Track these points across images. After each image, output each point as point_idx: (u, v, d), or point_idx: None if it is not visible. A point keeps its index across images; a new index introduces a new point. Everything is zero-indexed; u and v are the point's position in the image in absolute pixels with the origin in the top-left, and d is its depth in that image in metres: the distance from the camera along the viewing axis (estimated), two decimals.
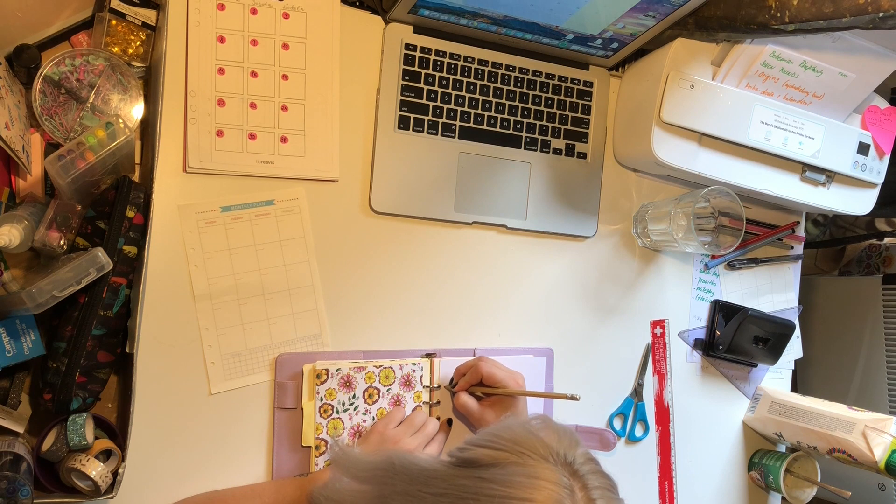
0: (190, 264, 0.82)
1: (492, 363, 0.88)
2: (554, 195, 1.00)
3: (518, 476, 0.54)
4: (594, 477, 0.56)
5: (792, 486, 1.10)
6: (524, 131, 0.99)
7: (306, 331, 0.87)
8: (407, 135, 0.92)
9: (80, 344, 0.71)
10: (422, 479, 0.57)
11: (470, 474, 0.55)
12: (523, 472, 0.54)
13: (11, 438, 0.72)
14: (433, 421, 0.88)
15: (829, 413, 1.01)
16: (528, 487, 0.53)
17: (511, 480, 0.53)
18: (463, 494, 0.54)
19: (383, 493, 0.58)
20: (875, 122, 1.06)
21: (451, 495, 0.54)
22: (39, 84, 0.74)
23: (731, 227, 1.00)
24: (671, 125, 0.95)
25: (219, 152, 0.83)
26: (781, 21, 0.87)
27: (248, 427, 0.84)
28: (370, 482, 0.61)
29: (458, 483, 0.55)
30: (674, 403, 1.08)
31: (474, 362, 0.89)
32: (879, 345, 1.33)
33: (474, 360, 0.89)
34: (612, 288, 1.05)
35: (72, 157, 0.70)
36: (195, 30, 0.82)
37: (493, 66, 0.97)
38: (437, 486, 0.55)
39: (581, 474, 0.55)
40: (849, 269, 1.53)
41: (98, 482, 0.71)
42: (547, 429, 0.59)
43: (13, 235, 0.68)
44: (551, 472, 0.54)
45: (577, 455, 0.57)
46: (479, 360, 0.89)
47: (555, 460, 0.55)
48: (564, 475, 0.54)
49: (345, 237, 0.90)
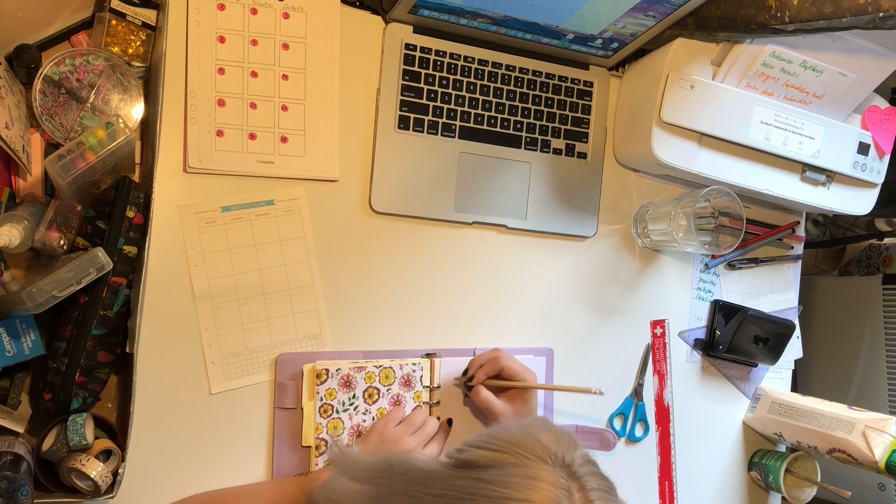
0: (190, 264, 0.82)
1: (509, 357, 0.88)
2: (554, 195, 1.00)
3: (516, 477, 0.54)
4: (592, 478, 0.56)
5: (792, 486, 1.10)
6: (524, 131, 0.99)
7: (306, 331, 0.87)
8: (407, 135, 0.92)
9: (80, 344, 0.71)
10: (420, 479, 0.57)
11: (468, 475, 0.56)
12: (521, 472, 0.54)
13: (11, 438, 0.72)
14: (433, 420, 0.88)
15: (829, 413, 1.01)
16: (526, 488, 0.53)
17: (509, 481, 0.54)
18: (460, 495, 0.54)
19: (381, 493, 0.58)
20: (875, 122, 1.06)
21: (448, 496, 0.54)
22: (39, 84, 0.74)
23: (731, 227, 1.00)
24: (671, 125, 0.95)
25: (219, 152, 0.83)
26: (781, 21, 0.87)
27: (248, 427, 0.84)
28: (368, 482, 0.61)
29: (455, 484, 0.55)
30: (674, 403, 1.08)
31: (492, 354, 0.89)
32: (879, 345, 1.33)
33: (492, 353, 0.89)
34: (612, 288, 1.05)
35: (72, 157, 0.70)
36: (195, 30, 0.82)
37: (493, 66, 0.97)
38: (435, 487, 0.55)
39: (579, 476, 0.55)
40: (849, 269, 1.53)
41: (98, 482, 0.71)
42: (545, 430, 0.59)
43: (13, 235, 0.68)
44: (549, 474, 0.54)
45: (576, 457, 0.57)
46: (497, 352, 0.89)
47: (553, 462, 0.55)
48: (562, 476, 0.54)
49: (345, 237, 0.90)
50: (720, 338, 1.09)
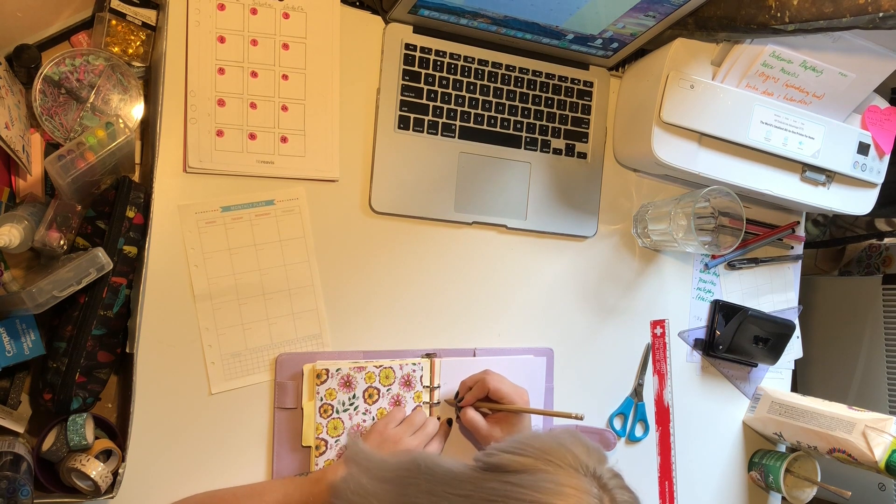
0: (190, 264, 0.82)
1: (498, 378, 0.88)
2: (554, 195, 1.00)
3: (548, 483, 0.54)
4: (621, 492, 0.57)
5: (792, 486, 1.10)
6: (524, 131, 0.99)
7: (306, 331, 0.87)
8: (407, 135, 0.92)
9: (80, 344, 0.71)
10: (447, 480, 0.57)
11: (498, 478, 0.56)
12: (553, 479, 0.55)
13: (11, 438, 0.72)
14: (433, 420, 0.88)
15: (829, 413, 1.01)
16: (558, 494, 0.53)
17: (541, 486, 0.54)
18: (491, 497, 0.54)
19: (408, 492, 0.59)
20: (875, 122, 1.06)
21: (477, 497, 0.54)
22: (39, 84, 0.74)
23: (731, 227, 1.00)
24: (671, 125, 0.95)
25: (219, 152, 0.83)
26: (781, 21, 0.87)
27: (248, 427, 0.84)
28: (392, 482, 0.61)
29: (485, 486, 0.55)
30: (674, 403, 1.08)
31: (480, 376, 0.88)
32: (879, 345, 1.33)
33: (480, 374, 0.89)
34: (612, 288, 1.05)
35: (72, 157, 0.70)
36: (195, 30, 0.82)
37: (493, 66, 0.97)
38: (464, 488, 0.56)
39: (609, 488, 0.56)
40: (849, 269, 1.53)
41: (98, 482, 0.71)
42: (576, 442, 0.59)
43: (13, 235, 0.68)
44: (581, 482, 0.55)
45: (605, 470, 0.58)
46: (486, 373, 0.88)
47: (584, 472, 0.56)
48: (594, 486, 0.55)
49: (345, 237, 0.90)
50: (720, 338, 1.09)
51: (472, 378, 0.90)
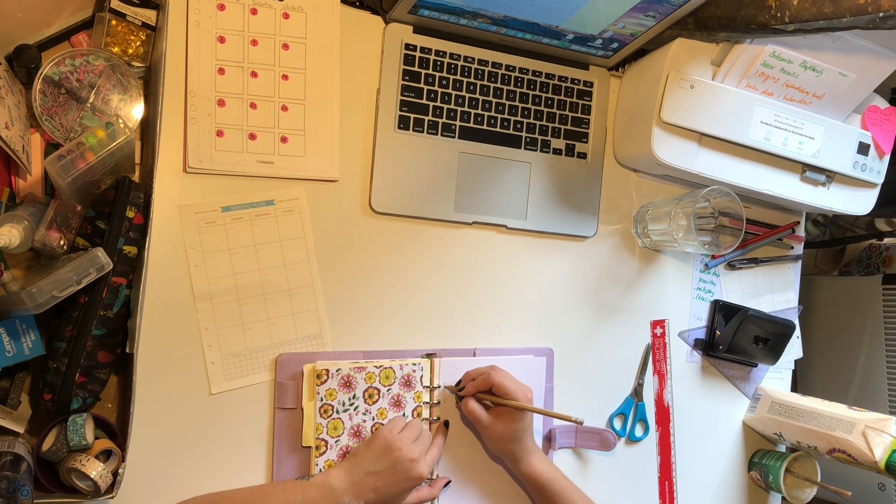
0: (190, 264, 0.82)
1: (503, 374, 0.88)
2: (554, 195, 1.00)
3: None
4: None
5: (792, 486, 1.10)
6: (524, 131, 0.99)
7: (306, 331, 0.87)
8: (407, 135, 0.92)
9: (80, 344, 0.71)
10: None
11: None
12: None
13: (11, 438, 0.72)
14: (426, 430, 0.89)
15: (829, 413, 1.01)
16: None
17: None
18: None
19: None
20: (875, 122, 1.06)
21: None
22: (39, 84, 0.74)
23: (731, 227, 1.00)
24: (671, 125, 0.95)
25: (219, 152, 0.83)
26: (781, 21, 0.87)
27: (248, 427, 0.84)
28: None
29: None
30: (674, 403, 1.08)
31: (486, 370, 0.89)
32: (879, 345, 1.33)
33: (486, 368, 0.89)
34: (612, 288, 1.05)
35: (72, 157, 0.70)
36: (195, 30, 0.82)
37: (493, 66, 0.97)
38: None
39: None
40: (849, 269, 1.53)
41: (98, 482, 0.71)
42: None
43: (13, 235, 0.68)
44: None
45: None
46: (492, 368, 0.89)
47: None
48: None
49: (345, 237, 0.90)
50: (720, 338, 1.09)
51: (476, 370, 0.90)
